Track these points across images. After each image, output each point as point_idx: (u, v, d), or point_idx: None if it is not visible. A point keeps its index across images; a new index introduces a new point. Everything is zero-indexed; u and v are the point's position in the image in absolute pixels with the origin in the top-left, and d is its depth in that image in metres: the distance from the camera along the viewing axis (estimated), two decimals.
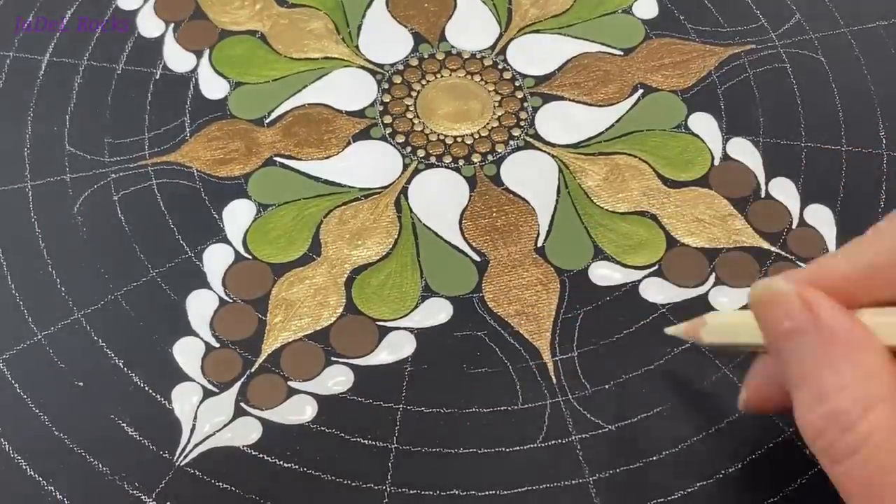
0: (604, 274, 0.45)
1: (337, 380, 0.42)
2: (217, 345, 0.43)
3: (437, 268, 0.45)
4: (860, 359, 0.30)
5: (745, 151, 0.49)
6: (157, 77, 0.51)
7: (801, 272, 0.33)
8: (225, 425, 0.41)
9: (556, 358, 0.43)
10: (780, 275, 0.33)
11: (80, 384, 0.42)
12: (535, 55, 0.52)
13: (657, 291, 0.45)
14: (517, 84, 0.51)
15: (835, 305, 0.31)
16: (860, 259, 0.32)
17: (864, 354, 0.30)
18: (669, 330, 0.39)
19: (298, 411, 0.41)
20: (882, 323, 0.31)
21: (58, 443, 0.40)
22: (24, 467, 0.40)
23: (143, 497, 0.39)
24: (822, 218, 0.47)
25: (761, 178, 0.48)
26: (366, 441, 0.41)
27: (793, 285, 0.32)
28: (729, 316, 0.38)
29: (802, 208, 0.47)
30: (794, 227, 0.47)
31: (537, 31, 0.53)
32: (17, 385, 0.42)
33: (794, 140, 0.49)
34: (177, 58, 0.52)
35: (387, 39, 0.53)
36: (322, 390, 0.42)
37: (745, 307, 0.43)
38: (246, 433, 0.41)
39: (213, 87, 0.51)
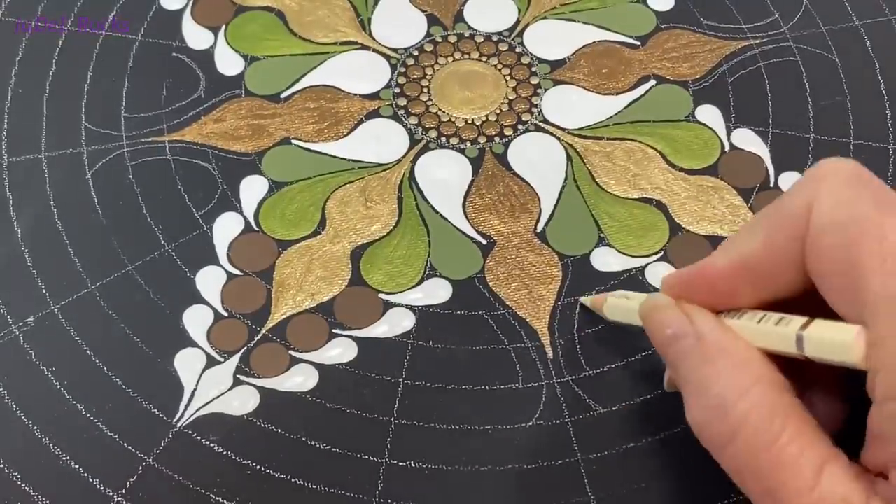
0: (607, 260, 0.46)
1: (339, 351, 0.43)
2: (225, 314, 0.44)
3: (441, 248, 0.46)
4: (732, 352, 0.33)
5: (753, 142, 0.49)
6: (175, 52, 0.52)
7: (683, 272, 0.36)
8: (224, 392, 0.42)
9: (555, 341, 0.43)
10: (667, 276, 0.36)
11: (90, 353, 0.43)
12: (550, 41, 0.53)
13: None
14: (533, 70, 0.52)
15: (706, 312, 0.34)
16: (733, 255, 0.34)
17: (735, 349, 0.33)
18: (583, 299, 0.44)
19: (300, 381, 0.42)
20: (743, 326, 0.33)
21: (68, 406, 0.42)
22: (33, 430, 0.41)
23: (142, 456, 0.40)
24: None
25: (770, 168, 0.48)
26: (366, 413, 0.41)
27: (671, 299, 0.35)
28: (623, 300, 0.41)
29: None
30: None
31: (555, 17, 0.54)
32: (32, 353, 0.43)
33: (802, 132, 0.49)
34: (194, 33, 0.53)
35: (402, 22, 0.53)
36: (324, 361, 0.43)
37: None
38: (246, 401, 0.42)
39: (229, 63, 0.52)
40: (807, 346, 0.31)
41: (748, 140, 0.49)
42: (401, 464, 0.40)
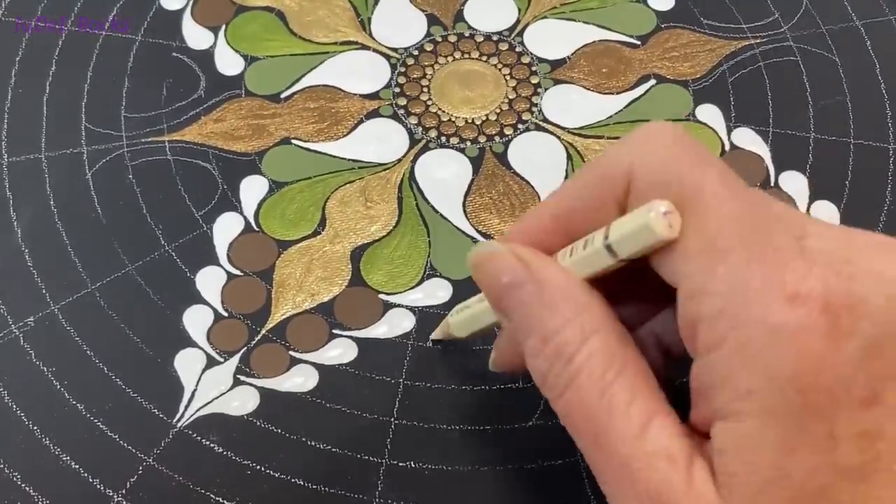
0: None
1: (340, 352, 0.43)
2: (225, 314, 0.44)
3: (441, 247, 0.46)
4: (574, 298, 0.32)
5: (753, 142, 0.49)
6: (175, 52, 0.52)
7: (511, 228, 0.35)
8: (224, 393, 0.42)
9: None
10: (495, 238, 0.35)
11: (90, 353, 0.43)
12: (550, 40, 0.53)
13: None
14: (533, 69, 0.52)
15: (542, 255, 0.33)
16: (555, 212, 0.34)
17: (577, 294, 0.32)
18: (434, 335, 0.43)
19: (300, 382, 0.42)
20: (573, 261, 0.33)
21: (68, 406, 0.42)
22: (33, 429, 0.41)
23: (142, 456, 0.40)
24: (826, 212, 0.47)
25: (770, 168, 0.48)
26: (366, 413, 0.41)
27: (503, 244, 0.33)
28: (464, 310, 0.40)
29: (810, 203, 0.47)
30: None
31: (555, 17, 0.54)
32: (32, 353, 0.43)
33: (802, 132, 0.49)
34: (194, 33, 0.53)
35: (402, 22, 0.54)
36: (324, 361, 0.43)
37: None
38: (246, 401, 0.42)
39: (229, 63, 0.52)
40: (617, 249, 0.31)
41: (748, 139, 0.49)
42: (401, 464, 0.40)
